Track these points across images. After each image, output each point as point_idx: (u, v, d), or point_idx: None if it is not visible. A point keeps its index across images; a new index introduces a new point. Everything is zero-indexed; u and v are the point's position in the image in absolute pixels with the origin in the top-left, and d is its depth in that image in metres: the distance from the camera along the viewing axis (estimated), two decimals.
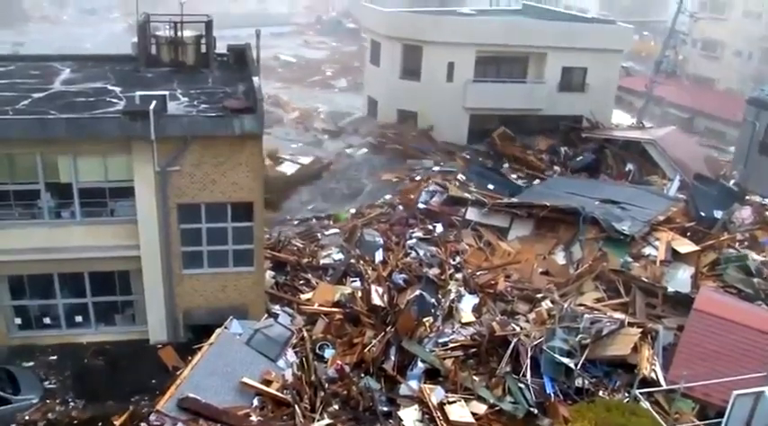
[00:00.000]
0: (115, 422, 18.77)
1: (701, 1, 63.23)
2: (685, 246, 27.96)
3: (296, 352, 21.38)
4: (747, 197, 34.02)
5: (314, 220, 31.43)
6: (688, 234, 29.62)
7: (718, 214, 31.19)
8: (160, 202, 20.46)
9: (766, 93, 37.48)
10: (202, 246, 21.54)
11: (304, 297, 24.69)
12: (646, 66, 61.33)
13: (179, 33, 24.93)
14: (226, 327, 20.97)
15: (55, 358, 21.38)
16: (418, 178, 34.40)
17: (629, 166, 37.83)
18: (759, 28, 58.10)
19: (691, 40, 62.24)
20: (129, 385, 20.30)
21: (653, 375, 20.74)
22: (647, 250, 28.01)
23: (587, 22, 46.42)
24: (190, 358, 20.23)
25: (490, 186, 33.58)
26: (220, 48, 25.97)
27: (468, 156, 38.09)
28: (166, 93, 20.62)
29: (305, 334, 22.12)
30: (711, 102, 54.63)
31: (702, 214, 31.22)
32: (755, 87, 44.15)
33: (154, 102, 19.44)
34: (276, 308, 23.57)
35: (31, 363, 21.12)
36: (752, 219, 31.43)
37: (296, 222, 31.31)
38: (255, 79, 21.12)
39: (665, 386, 20.42)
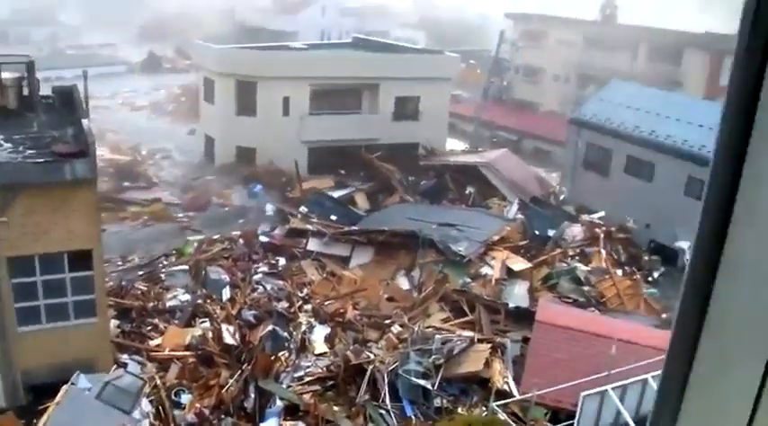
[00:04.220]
0: None
1: (522, 30, 66.85)
2: (519, 264, 29.40)
3: (151, 401, 20.53)
4: (582, 216, 36.07)
5: (162, 257, 30.49)
6: (522, 251, 31.09)
7: (551, 232, 33.03)
8: None
9: (584, 113, 39.96)
10: (39, 301, 20.25)
11: (153, 343, 23.83)
12: (473, 93, 63.98)
13: None
14: (72, 383, 19.80)
15: None
16: None
17: (470, 190, 39.19)
18: (572, 54, 61.97)
19: (513, 67, 65.73)
20: None
21: (506, 387, 21.45)
22: (484, 269, 29.11)
23: (416, 52, 48.00)
24: (35, 421, 18.90)
25: (333, 217, 33.82)
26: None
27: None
28: None
29: (158, 381, 21.29)
30: (536, 124, 57.52)
31: (537, 232, 32.99)
32: (575, 108, 46.87)
33: None
34: (125, 358, 22.55)
35: None
36: (582, 236, 33.44)
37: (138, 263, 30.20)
38: (85, 121, 20.29)
39: (518, 397, 21.13)
